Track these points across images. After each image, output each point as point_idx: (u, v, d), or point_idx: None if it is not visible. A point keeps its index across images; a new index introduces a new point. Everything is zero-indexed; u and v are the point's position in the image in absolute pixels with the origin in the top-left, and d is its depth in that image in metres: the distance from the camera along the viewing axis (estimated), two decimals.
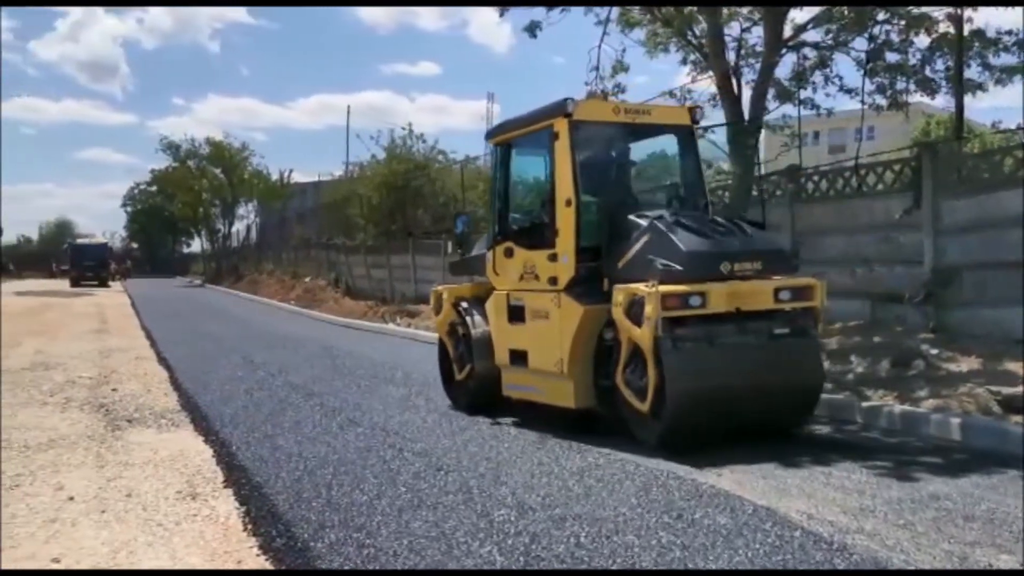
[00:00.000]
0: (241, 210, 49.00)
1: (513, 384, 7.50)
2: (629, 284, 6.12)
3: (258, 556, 4.04)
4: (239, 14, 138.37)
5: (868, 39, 11.19)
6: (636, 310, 5.96)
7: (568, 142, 6.72)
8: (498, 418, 7.31)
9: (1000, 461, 5.60)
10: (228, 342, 14.29)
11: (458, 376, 7.98)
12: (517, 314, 7.23)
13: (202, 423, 7.23)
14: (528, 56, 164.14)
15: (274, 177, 45.37)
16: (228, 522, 4.55)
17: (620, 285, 6.20)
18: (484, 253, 7.85)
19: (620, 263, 6.46)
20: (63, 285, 42.15)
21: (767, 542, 3.99)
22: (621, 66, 11.88)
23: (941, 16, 10.79)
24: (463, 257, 8.68)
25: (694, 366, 5.91)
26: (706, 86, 12.76)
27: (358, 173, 29.33)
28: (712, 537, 4.07)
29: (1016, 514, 4.49)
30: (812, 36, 11.37)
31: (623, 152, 7.70)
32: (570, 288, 6.68)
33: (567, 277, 6.70)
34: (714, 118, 11.65)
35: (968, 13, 10.75)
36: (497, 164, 7.80)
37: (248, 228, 49.76)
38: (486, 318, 7.72)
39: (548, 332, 6.86)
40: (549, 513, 4.48)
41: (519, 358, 7.25)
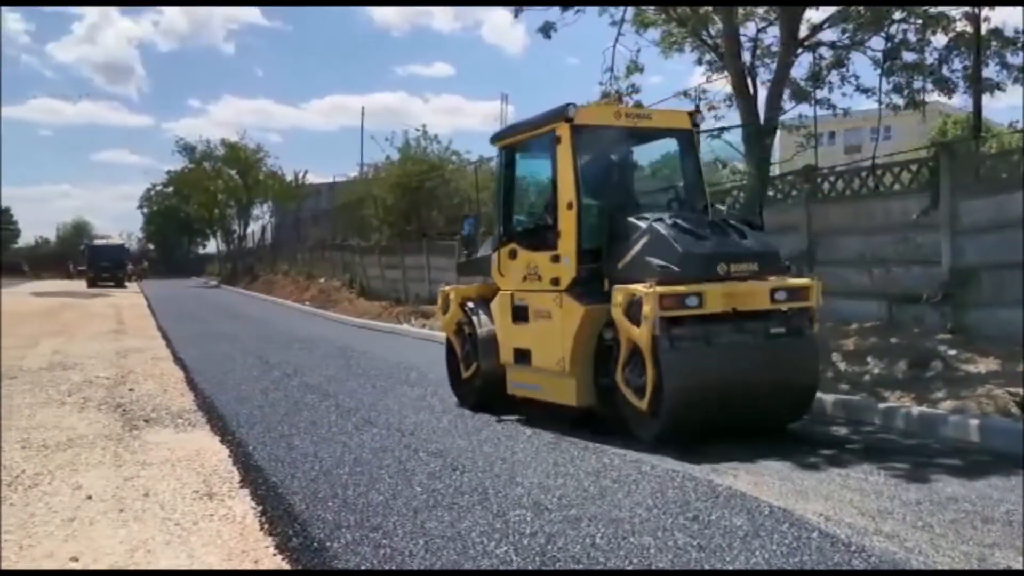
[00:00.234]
0: (256, 211, 49.41)
1: (517, 382, 7.61)
2: (628, 285, 6.23)
3: (275, 556, 4.06)
4: (254, 16, 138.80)
5: (885, 38, 11.13)
6: (635, 310, 6.09)
7: (570, 146, 6.87)
8: (503, 416, 7.37)
9: (1019, 463, 5.54)
10: (243, 342, 14.35)
11: (464, 374, 8.11)
12: (521, 314, 7.36)
13: (218, 423, 7.26)
14: (542, 57, 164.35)
15: (289, 178, 45.66)
16: (245, 522, 4.57)
17: (619, 286, 6.32)
18: (490, 254, 7.96)
19: (620, 264, 6.59)
20: (80, 286, 42.43)
21: (784, 544, 3.97)
22: (635, 66, 11.87)
23: (958, 15, 10.72)
24: (469, 258, 8.80)
25: (691, 365, 6.03)
26: (721, 86, 12.76)
27: (372, 174, 29.43)
28: (729, 538, 4.05)
29: None
30: (828, 35, 11.34)
31: (624, 155, 7.79)
32: (571, 289, 6.80)
33: (569, 278, 6.82)
34: (730, 118, 11.64)
35: (985, 12, 10.68)
36: (502, 167, 7.94)
37: (263, 229, 50.10)
38: (492, 318, 7.83)
39: (550, 332, 6.98)
40: (565, 514, 4.48)
41: (523, 357, 7.38)
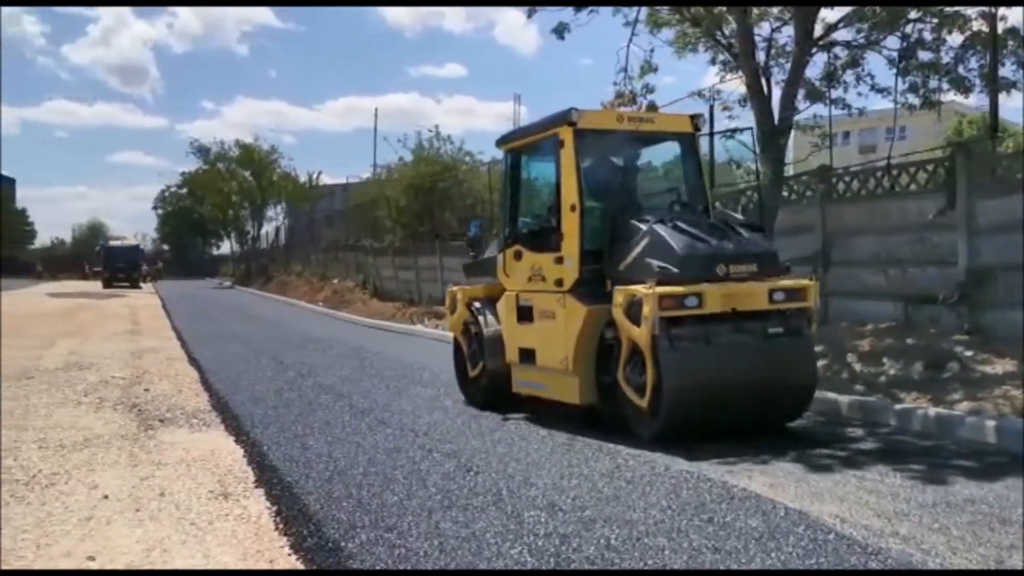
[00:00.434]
0: (270, 212, 49.63)
1: (522, 381, 7.72)
2: (629, 286, 6.32)
3: (289, 555, 4.07)
4: (267, 17, 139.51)
5: (900, 37, 11.04)
6: (635, 310, 6.18)
7: (572, 150, 6.99)
8: (508, 415, 7.45)
9: None
10: (257, 343, 14.41)
11: (471, 373, 8.22)
12: (526, 314, 7.49)
13: (233, 423, 7.29)
14: (555, 57, 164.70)
15: (303, 179, 45.84)
16: (260, 521, 4.58)
17: (620, 286, 6.41)
18: (496, 255, 8.06)
19: (621, 265, 6.70)
20: (95, 286, 42.73)
21: (800, 545, 3.95)
22: (649, 67, 11.81)
23: (974, 14, 10.63)
24: (476, 259, 8.90)
25: (690, 364, 6.13)
26: (735, 86, 12.67)
27: (386, 175, 29.48)
28: (744, 540, 4.04)
29: None
30: (843, 35, 11.23)
31: (626, 159, 7.88)
32: (574, 289, 6.92)
33: (572, 279, 6.93)
34: (744, 118, 11.58)
35: (1002, 11, 10.59)
36: (507, 170, 8.09)
37: (277, 230, 50.27)
38: (497, 318, 7.95)
39: (554, 331, 7.08)
40: (579, 515, 4.47)
41: (528, 356, 7.51)
